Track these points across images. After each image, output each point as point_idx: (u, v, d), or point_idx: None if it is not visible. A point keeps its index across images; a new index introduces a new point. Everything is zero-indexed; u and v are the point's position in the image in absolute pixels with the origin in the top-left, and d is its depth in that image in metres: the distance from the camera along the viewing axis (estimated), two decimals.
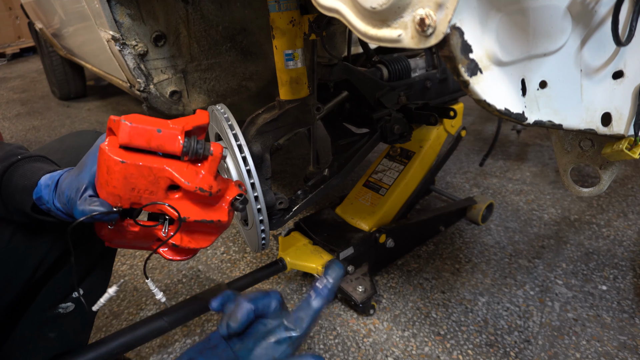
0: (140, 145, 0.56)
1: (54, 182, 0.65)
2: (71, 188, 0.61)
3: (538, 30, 0.58)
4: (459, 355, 1.20)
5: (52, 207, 0.65)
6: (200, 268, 1.64)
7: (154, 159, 0.57)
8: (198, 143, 0.58)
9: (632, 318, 1.28)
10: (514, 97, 0.59)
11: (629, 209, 1.80)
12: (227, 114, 0.92)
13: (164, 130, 0.56)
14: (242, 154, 0.88)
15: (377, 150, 1.71)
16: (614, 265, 1.50)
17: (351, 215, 1.51)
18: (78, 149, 0.92)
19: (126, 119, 0.55)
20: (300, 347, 0.61)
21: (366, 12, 0.52)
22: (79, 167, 0.63)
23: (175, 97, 1.45)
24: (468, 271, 1.51)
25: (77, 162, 0.82)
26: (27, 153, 0.71)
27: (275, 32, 1.01)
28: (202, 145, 0.58)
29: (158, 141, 0.56)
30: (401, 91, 1.38)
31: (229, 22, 1.46)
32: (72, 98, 4.13)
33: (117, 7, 1.23)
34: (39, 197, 0.66)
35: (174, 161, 0.57)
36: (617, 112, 0.74)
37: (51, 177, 0.66)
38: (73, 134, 0.99)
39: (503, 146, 2.47)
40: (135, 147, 0.56)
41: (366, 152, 1.30)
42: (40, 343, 0.86)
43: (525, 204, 1.89)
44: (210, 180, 0.59)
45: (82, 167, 0.62)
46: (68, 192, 0.61)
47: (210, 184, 0.59)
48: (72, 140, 0.96)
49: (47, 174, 0.67)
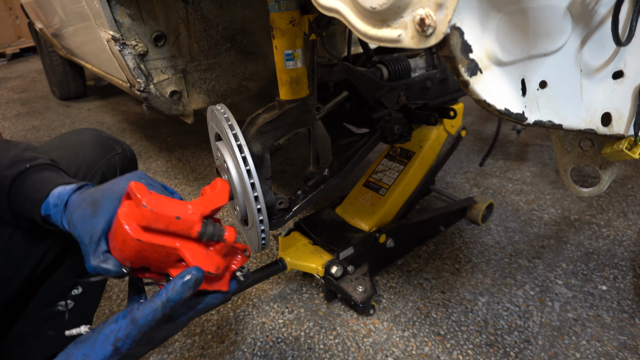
0: (158, 229, 0.58)
1: (62, 202, 0.65)
2: (84, 231, 0.62)
3: (538, 30, 0.58)
4: (459, 355, 1.20)
5: (59, 225, 0.66)
6: None
7: (168, 239, 0.59)
8: (214, 228, 0.60)
9: (632, 318, 1.28)
10: (514, 97, 0.59)
11: (629, 209, 1.80)
12: (227, 114, 0.92)
13: (182, 218, 0.58)
14: (242, 154, 0.88)
15: (377, 150, 1.71)
16: (614, 265, 1.50)
17: (351, 215, 1.51)
18: (78, 146, 0.92)
19: (147, 203, 0.57)
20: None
21: (366, 12, 0.52)
22: (94, 207, 0.63)
23: (175, 97, 1.45)
24: (468, 271, 1.51)
25: (76, 160, 0.84)
26: (34, 160, 0.72)
27: (275, 32, 1.01)
28: (218, 231, 0.61)
29: (176, 227, 0.58)
30: (401, 91, 1.38)
31: (229, 22, 1.46)
32: (72, 98, 4.13)
33: (117, 7, 1.23)
34: (47, 215, 0.67)
35: (187, 242, 0.60)
36: (617, 112, 0.74)
37: (59, 197, 0.66)
38: (73, 132, 1.00)
39: (503, 146, 2.47)
40: (153, 229, 0.59)
41: (366, 152, 1.30)
42: (39, 340, 0.86)
43: (525, 204, 1.90)
44: (219, 261, 0.62)
45: (97, 209, 0.62)
46: (81, 233, 0.62)
47: (218, 265, 0.61)
48: (72, 138, 0.97)
49: (56, 191, 0.67)
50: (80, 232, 0.62)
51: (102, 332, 0.57)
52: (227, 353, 1.26)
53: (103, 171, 0.93)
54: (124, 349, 0.56)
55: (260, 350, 1.26)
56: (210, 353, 1.27)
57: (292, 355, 1.24)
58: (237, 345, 1.29)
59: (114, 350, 0.55)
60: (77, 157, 0.89)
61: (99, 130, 1.02)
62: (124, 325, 0.56)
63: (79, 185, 0.68)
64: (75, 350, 0.56)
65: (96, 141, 0.96)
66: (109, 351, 0.55)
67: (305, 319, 1.36)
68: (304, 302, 1.42)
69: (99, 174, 0.92)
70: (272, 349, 1.27)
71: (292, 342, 1.28)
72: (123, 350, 0.56)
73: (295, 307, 1.40)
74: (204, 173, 2.42)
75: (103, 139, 0.99)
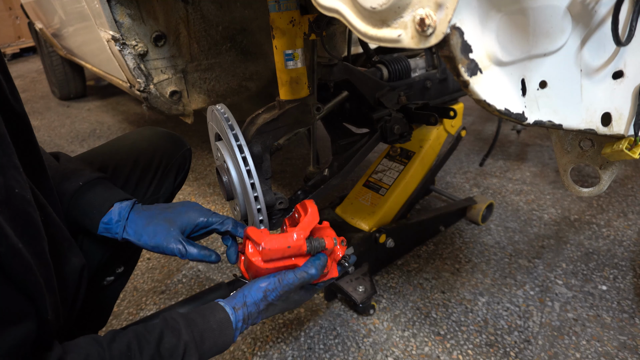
0: (277, 258, 0.79)
1: (123, 218, 0.83)
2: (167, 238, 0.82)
3: (538, 30, 0.58)
4: (459, 355, 1.20)
5: (119, 235, 0.83)
6: (200, 268, 1.64)
7: (287, 261, 0.80)
8: (316, 242, 0.80)
9: (632, 318, 1.28)
10: (514, 97, 0.59)
11: (629, 209, 1.80)
12: (227, 114, 0.92)
13: (292, 246, 0.78)
14: (242, 154, 0.88)
15: (377, 150, 1.71)
16: (614, 265, 1.50)
17: (351, 215, 1.51)
18: (152, 137, 1.08)
19: (265, 245, 0.77)
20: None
21: (366, 12, 0.52)
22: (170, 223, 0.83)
23: (175, 97, 1.45)
24: (468, 271, 1.51)
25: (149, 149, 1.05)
26: (85, 177, 0.86)
27: (275, 32, 1.01)
28: (319, 243, 0.80)
29: (289, 252, 0.79)
30: (401, 91, 1.37)
31: (229, 22, 1.46)
32: (72, 98, 4.13)
33: (117, 7, 1.23)
34: (108, 228, 0.83)
35: (301, 258, 0.80)
36: (617, 112, 0.74)
37: (120, 214, 0.83)
38: (145, 128, 1.14)
39: (503, 146, 2.47)
40: (273, 259, 0.79)
41: (366, 152, 1.29)
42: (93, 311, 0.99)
43: (525, 204, 1.90)
44: (327, 263, 0.83)
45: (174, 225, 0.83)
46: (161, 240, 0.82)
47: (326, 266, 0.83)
48: (145, 131, 1.11)
49: (116, 208, 0.84)
50: (160, 240, 0.82)
51: (257, 282, 0.78)
52: (227, 353, 1.26)
53: (179, 162, 1.09)
54: (270, 298, 0.77)
55: (260, 350, 1.26)
56: None
57: (292, 355, 1.24)
58: (237, 345, 1.29)
59: (264, 296, 0.77)
60: (152, 146, 1.06)
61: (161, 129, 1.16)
62: (273, 282, 0.78)
63: (132, 202, 0.86)
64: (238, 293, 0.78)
65: (170, 136, 1.10)
66: (261, 296, 0.77)
67: (305, 319, 1.36)
68: (304, 302, 1.42)
69: (176, 164, 1.08)
70: (272, 349, 1.27)
71: (292, 342, 1.28)
72: (269, 299, 0.77)
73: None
74: (204, 173, 2.42)
75: (173, 135, 1.12)
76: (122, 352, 0.61)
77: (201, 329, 0.70)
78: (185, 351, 0.66)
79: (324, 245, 0.81)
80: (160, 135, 1.10)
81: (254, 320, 0.77)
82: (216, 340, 0.71)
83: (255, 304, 0.76)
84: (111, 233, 0.84)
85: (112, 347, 0.61)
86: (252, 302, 0.76)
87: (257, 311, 0.77)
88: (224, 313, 0.74)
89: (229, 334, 0.73)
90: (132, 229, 0.83)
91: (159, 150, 1.06)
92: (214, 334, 0.71)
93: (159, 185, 1.06)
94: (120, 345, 0.62)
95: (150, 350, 0.63)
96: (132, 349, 0.62)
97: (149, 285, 1.57)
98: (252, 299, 0.76)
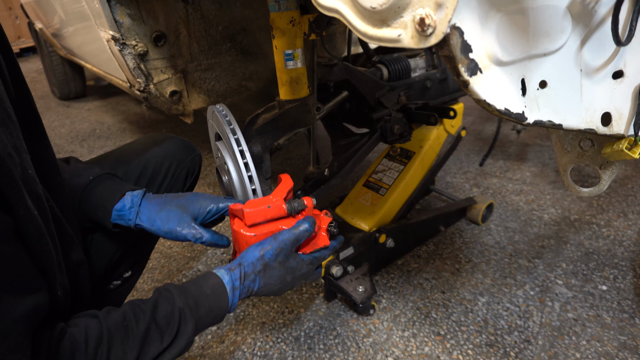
0: (260, 221, 0.80)
1: (136, 205, 0.85)
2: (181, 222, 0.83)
3: (538, 30, 0.58)
4: (459, 355, 1.20)
5: (132, 222, 0.85)
6: (200, 268, 1.64)
7: (271, 225, 0.81)
8: (295, 203, 0.81)
9: (632, 318, 1.28)
10: (514, 97, 0.59)
11: (629, 209, 1.80)
12: (227, 114, 0.92)
13: (272, 206, 0.80)
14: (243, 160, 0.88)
15: (377, 150, 1.71)
16: (614, 265, 1.50)
17: (351, 215, 1.51)
18: (163, 142, 1.11)
19: (245, 207, 0.79)
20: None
21: (366, 12, 0.52)
22: (183, 209, 0.84)
23: (175, 97, 1.45)
24: (468, 271, 1.51)
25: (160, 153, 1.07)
26: (95, 172, 0.89)
27: (275, 32, 1.01)
28: (299, 203, 0.82)
29: (271, 214, 0.80)
30: (401, 91, 1.38)
31: (229, 22, 1.46)
32: (72, 98, 4.13)
33: (117, 7, 1.23)
34: (121, 215, 0.85)
35: (283, 220, 0.82)
36: (617, 112, 0.74)
37: (132, 201, 0.85)
38: (157, 134, 1.16)
39: (503, 146, 2.47)
40: (257, 223, 0.80)
41: (366, 152, 1.29)
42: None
43: (525, 204, 1.90)
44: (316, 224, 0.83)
45: (187, 211, 0.85)
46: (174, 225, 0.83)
47: (316, 224, 0.83)
48: (157, 136, 1.14)
49: (128, 196, 0.86)
50: (173, 225, 0.83)
51: (253, 245, 0.79)
52: (227, 353, 1.26)
53: (188, 167, 1.11)
54: (266, 257, 0.77)
55: (260, 350, 1.26)
56: (210, 353, 1.27)
57: (292, 355, 1.24)
58: (237, 345, 1.29)
59: (260, 255, 0.77)
60: (162, 151, 1.08)
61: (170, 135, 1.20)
62: (269, 240, 0.78)
63: (143, 191, 0.88)
64: (235, 259, 0.79)
65: (180, 141, 1.13)
66: (257, 255, 0.77)
67: (305, 319, 1.36)
68: (304, 302, 1.42)
69: (185, 168, 1.11)
70: (272, 349, 1.27)
71: (292, 342, 1.28)
72: (266, 258, 0.77)
73: (295, 307, 1.41)
74: (204, 173, 2.42)
75: (184, 140, 1.15)
76: (118, 321, 0.63)
77: (195, 295, 0.70)
78: (181, 317, 0.67)
79: (304, 205, 0.82)
80: (171, 140, 1.12)
81: (251, 282, 0.76)
82: (212, 306, 0.71)
83: (252, 264, 0.76)
84: (124, 220, 0.85)
85: (108, 318, 0.63)
86: (248, 262, 0.76)
87: (253, 271, 0.76)
88: (217, 279, 0.74)
89: (224, 299, 0.73)
90: (145, 215, 0.85)
91: (169, 155, 1.08)
92: (208, 299, 0.71)
93: (168, 189, 1.08)
94: (116, 316, 0.64)
95: (146, 319, 0.65)
96: (128, 318, 0.64)
97: (149, 285, 1.57)
98: (249, 259, 0.76)
